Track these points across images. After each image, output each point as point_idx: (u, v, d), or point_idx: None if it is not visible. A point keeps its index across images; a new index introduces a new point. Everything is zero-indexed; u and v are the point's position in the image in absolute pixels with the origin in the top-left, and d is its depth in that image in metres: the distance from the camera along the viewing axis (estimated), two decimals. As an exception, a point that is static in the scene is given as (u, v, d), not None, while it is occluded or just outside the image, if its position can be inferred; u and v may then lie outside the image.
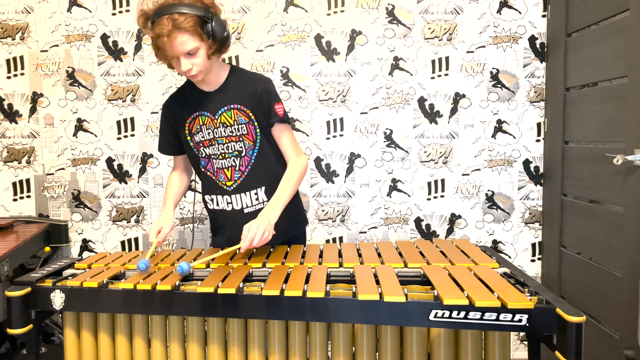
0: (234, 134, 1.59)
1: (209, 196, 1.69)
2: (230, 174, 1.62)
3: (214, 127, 1.59)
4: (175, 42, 1.41)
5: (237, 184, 1.63)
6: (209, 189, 1.68)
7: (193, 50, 1.44)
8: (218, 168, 1.63)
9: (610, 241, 1.83)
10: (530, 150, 2.37)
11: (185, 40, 1.42)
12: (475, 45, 2.34)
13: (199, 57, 1.46)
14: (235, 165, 1.62)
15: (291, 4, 2.33)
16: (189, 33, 1.42)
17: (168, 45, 1.42)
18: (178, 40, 1.41)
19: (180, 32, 1.40)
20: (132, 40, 2.35)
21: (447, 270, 1.31)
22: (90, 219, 2.42)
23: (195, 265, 1.40)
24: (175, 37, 1.40)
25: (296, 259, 1.48)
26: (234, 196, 1.64)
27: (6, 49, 2.35)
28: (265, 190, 1.64)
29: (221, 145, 1.60)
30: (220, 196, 1.65)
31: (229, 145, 1.60)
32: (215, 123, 1.59)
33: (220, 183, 1.64)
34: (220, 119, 1.59)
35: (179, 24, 1.39)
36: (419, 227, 2.42)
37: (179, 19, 1.39)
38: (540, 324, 1.10)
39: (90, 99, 2.37)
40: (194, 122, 1.62)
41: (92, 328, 1.40)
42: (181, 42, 1.42)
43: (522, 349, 2.39)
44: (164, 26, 1.39)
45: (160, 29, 1.40)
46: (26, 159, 2.39)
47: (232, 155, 1.61)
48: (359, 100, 2.37)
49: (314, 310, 1.20)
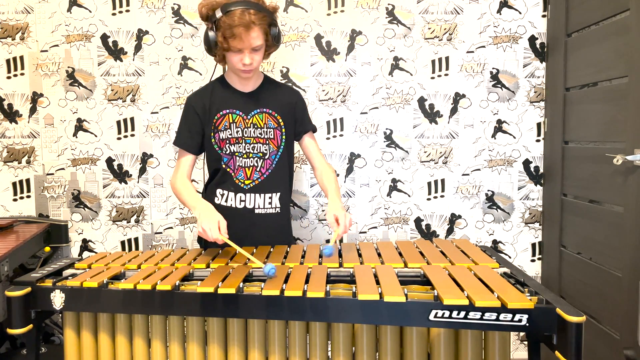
0: (263, 136, 1.66)
1: (221, 190, 1.70)
2: (250, 173, 1.67)
3: (244, 127, 1.65)
4: (251, 34, 1.50)
5: (254, 184, 1.68)
6: (223, 184, 1.70)
7: (259, 47, 1.54)
8: (239, 166, 1.67)
9: (610, 241, 1.83)
10: (530, 150, 2.37)
11: (258, 36, 1.52)
12: (475, 45, 2.34)
13: (260, 55, 1.58)
14: (256, 166, 1.67)
15: (291, 4, 2.33)
16: (262, 30, 1.53)
17: (244, 35, 1.49)
18: (253, 33, 1.50)
19: (256, 27, 1.50)
20: (132, 40, 2.35)
21: (447, 270, 1.31)
22: (90, 219, 2.42)
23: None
24: (253, 30, 1.50)
25: (296, 259, 1.48)
26: (249, 195, 1.67)
27: (6, 49, 2.35)
28: (280, 197, 1.71)
29: (248, 145, 1.66)
30: (234, 193, 1.68)
31: (255, 146, 1.66)
32: (246, 122, 1.66)
33: (237, 180, 1.67)
34: (252, 119, 1.66)
35: (255, 19, 1.49)
36: (419, 227, 2.42)
37: (258, 15, 1.49)
38: (540, 324, 1.10)
39: (90, 99, 2.37)
40: (223, 118, 1.66)
41: (92, 328, 1.40)
42: (255, 36, 1.51)
43: (522, 349, 2.39)
44: (244, 17, 1.47)
45: (241, 19, 1.47)
46: (26, 159, 2.39)
47: (256, 156, 1.66)
48: (359, 100, 2.37)
49: (314, 310, 1.20)
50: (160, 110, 2.37)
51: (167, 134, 2.38)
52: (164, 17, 2.34)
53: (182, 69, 2.36)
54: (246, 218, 1.67)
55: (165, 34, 2.34)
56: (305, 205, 2.41)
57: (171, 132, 2.38)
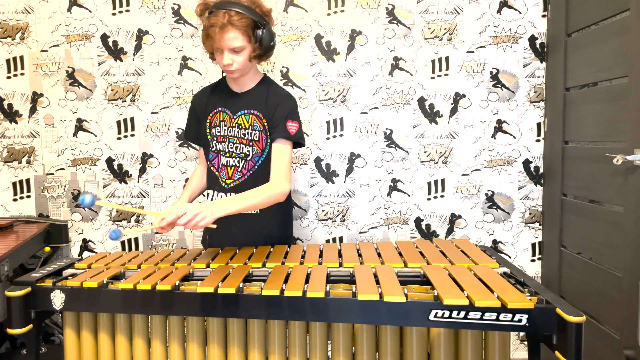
0: (246, 137, 1.66)
1: (208, 190, 1.75)
2: (232, 172, 1.68)
3: (229, 126, 1.67)
4: (225, 35, 1.51)
5: (235, 184, 1.68)
6: (210, 183, 1.74)
7: (239, 48, 1.54)
8: (222, 165, 1.69)
9: (610, 241, 1.83)
10: (530, 150, 2.37)
11: (235, 37, 1.52)
12: (475, 45, 2.34)
13: (242, 56, 1.56)
14: (238, 166, 1.67)
15: (291, 4, 2.33)
16: (240, 32, 1.52)
17: (218, 36, 1.51)
18: (229, 35, 1.51)
19: (232, 28, 1.50)
20: (132, 40, 2.35)
21: (447, 270, 1.31)
22: (90, 219, 2.42)
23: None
24: (227, 31, 1.50)
25: (296, 259, 1.48)
26: (230, 195, 1.67)
27: (6, 49, 2.35)
28: None
29: (231, 144, 1.67)
30: (217, 192, 1.71)
31: (238, 146, 1.66)
32: (232, 122, 1.67)
33: (220, 179, 1.70)
34: (238, 120, 1.66)
35: (233, 21, 1.49)
36: (419, 227, 2.42)
37: (235, 17, 1.49)
38: (540, 324, 1.10)
39: (90, 99, 2.37)
40: (215, 116, 1.70)
41: (92, 328, 1.40)
42: (231, 37, 1.51)
43: (522, 349, 2.39)
44: (219, 18, 1.49)
45: (216, 20, 1.49)
46: (26, 159, 2.39)
47: (238, 157, 1.67)
48: (359, 100, 2.37)
49: (314, 310, 1.20)
50: (160, 110, 2.37)
51: (167, 134, 2.38)
52: (164, 17, 2.34)
53: (182, 69, 2.36)
54: (225, 218, 1.51)
55: (165, 34, 2.34)
56: (305, 205, 2.41)
57: (171, 132, 2.38)
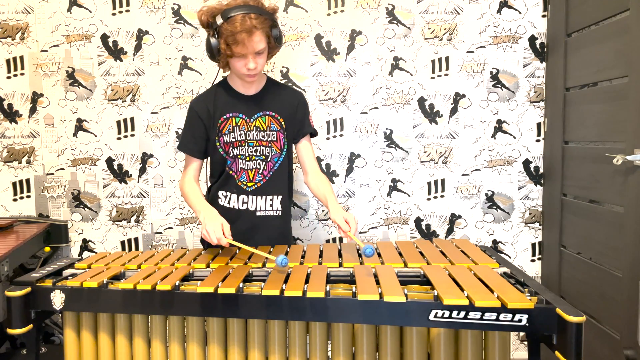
0: (265, 139, 1.66)
1: (224, 192, 1.71)
2: (253, 175, 1.68)
3: (247, 130, 1.65)
4: (253, 38, 1.49)
5: (257, 186, 1.68)
6: (226, 186, 1.70)
7: (262, 50, 1.53)
8: (242, 168, 1.67)
9: (610, 241, 1.83)
10: (530, 150, 2.37)
11: (260, 40, 1.51)
12: (475, 45, 2.34)
13: (263, 58, 1.56)
14: (259, 168, 1.67)
15: (291, 4, 2.33)
16: (263, 34, 1.51)
17: (247, 41, 1.48)
18: (255, 38, 1.49)
19: (258, 31, 1.49)
20: (132, 40, 2.35)
21: (447, 270, 1.31)
22: (90, 219, 2.42)
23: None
24: (254, 35, 1.49)
25: (296, 259, 1.48)
26: (251, 197, 1.68)
27: (6, 49, 2.35)
28: (282, 200, 1.71)
29: (251, 148, 1.66)
30: (236, 195, 1.69)
31: (258, 148, 1.66)
32: (249, 126, 1.65)
33: (240, 182, 1.68)
34: (255, 122, 1.65)
35: (258, 23, 1.48)
36: (419, 227, 2.42)
37: (256, 19, 1.48)
38: (540, 324, 1.10)
39: (90, 99, 2.37)
40: (226, 122, 1.66)
41: (92, 328, 1.40)
42: (257, 40, 1.50)
43: (522, 349, 2.39)
44: (245, 22, 1.46)
45: (242, 25, 1.46)
46: (26, 159, 2.39)
47: (258, 159, 1.67)
48: (359, 100, 2.37)
49: (314, 310, 1.20)
50: (160, 110, 2.37)
51: (167, 134, 2.38)
52: (164, 17, 2.34)
53: (182, 69, 2.36)
54: (248, 220, 1.68)
55: (165, 34, 2.34)
56: (305, 205, 2.41)
57: (171, 132, 2.38)
